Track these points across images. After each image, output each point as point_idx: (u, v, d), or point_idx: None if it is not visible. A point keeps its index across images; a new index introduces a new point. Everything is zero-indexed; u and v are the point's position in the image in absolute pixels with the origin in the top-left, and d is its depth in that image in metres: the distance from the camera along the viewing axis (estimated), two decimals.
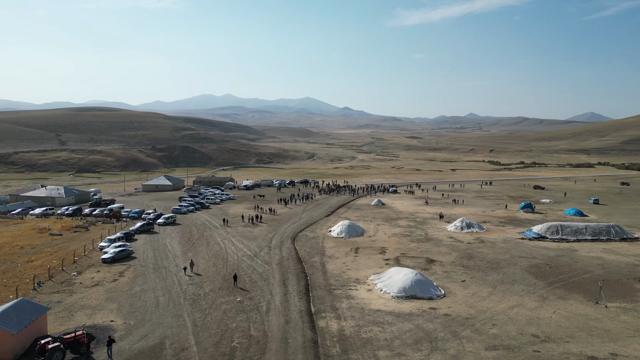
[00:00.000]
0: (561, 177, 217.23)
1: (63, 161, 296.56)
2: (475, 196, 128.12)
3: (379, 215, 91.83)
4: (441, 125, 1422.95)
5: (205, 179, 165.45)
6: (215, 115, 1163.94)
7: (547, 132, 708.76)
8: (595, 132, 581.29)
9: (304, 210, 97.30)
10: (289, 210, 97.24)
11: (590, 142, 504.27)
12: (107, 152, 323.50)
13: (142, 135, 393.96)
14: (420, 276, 45.06)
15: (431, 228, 78.70)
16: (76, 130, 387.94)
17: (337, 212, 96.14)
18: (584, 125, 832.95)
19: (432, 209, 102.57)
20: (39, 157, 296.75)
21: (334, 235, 71.16)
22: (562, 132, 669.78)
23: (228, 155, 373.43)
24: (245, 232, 72.97)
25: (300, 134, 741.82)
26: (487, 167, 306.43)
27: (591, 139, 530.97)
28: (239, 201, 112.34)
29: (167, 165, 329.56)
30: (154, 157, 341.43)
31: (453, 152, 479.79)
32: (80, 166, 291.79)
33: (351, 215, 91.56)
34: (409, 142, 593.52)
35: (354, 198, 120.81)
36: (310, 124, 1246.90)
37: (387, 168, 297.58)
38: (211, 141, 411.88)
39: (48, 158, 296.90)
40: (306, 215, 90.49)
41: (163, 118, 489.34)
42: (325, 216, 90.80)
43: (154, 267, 52.93)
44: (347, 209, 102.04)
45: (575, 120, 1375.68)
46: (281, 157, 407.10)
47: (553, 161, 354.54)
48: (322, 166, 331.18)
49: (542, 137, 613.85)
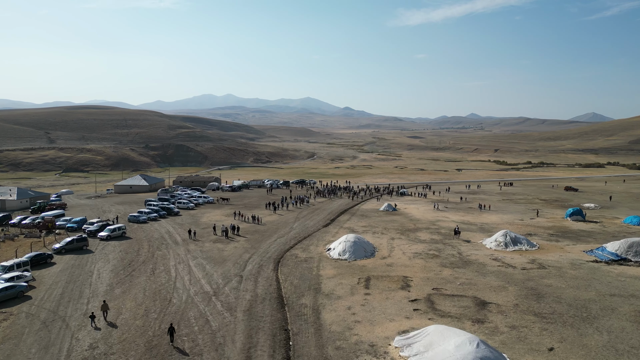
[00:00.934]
0: (576, 177, 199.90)
1: (50, 160, 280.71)
2: (502, 199, 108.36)
3: (392, 225, 72.40)
4: (443, 125, 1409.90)
5: (187, 178, 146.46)
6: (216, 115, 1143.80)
7: (552, 132, 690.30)
8: (602, 131, 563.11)
9: (297, 218, 78.04)
10: (278, 218, 78.02)
11: (597, 142, 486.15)
12: (97, 151, 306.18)
13: (135, 134, 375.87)
14: (486, 350, 25.48)
15: (464, 244, 59.25)
16: (67, 128, 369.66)
17: (338, 221, 76.67)
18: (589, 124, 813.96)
19: (456, 215, 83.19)
20: (25, 156, 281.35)
21: (334, 256, 51.65)
22: (567, 131, 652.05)
23: (224, 155, 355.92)
24: (213, 252, 53.45)
25: (301, 134, 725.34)
26: (494, 167, 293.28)
27: (598, 139, 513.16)
28: (219, 205, 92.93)
29: (161, 165, 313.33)
30: (146, 155, 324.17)
31: (457, 151, 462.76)
32: (67, 165, 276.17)
33: (356, 225, 72.23)
34: (411, 141, 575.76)
35: (358, 202, 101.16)
36: (311, 123, 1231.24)
37: (390, 168, 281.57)
38: (207, 140, 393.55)
39: (34, 157, 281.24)
40: (299, 225, 71.23)
41: (158, 116, 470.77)
42: (324, 226, 71.29)
43: (48, 317, 33.57)
44: (350, 215, 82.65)
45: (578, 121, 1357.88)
46: (280, 156, 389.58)
47: (560, 161, 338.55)
48: (322, 166, 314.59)
49: (548, 137, 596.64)
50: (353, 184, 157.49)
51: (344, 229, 68.23)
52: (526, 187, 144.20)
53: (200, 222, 72.66)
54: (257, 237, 61.41)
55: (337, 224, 74.10)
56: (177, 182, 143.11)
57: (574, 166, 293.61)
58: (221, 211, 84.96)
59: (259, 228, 68.48)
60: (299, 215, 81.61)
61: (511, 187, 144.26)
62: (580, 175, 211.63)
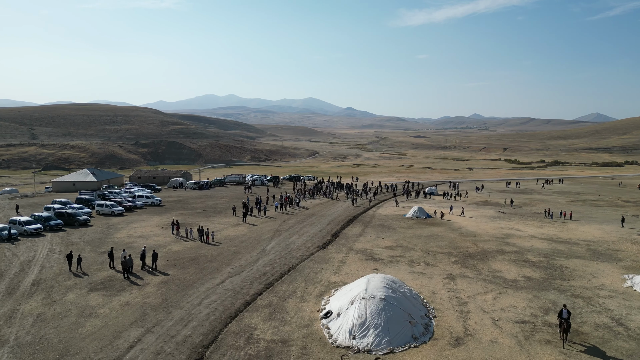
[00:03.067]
0: (604, 175, 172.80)
1: (29, 157, 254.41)
2: (570, 201, 79.98)
3: (437, 245, 43.84)
4: (446, 126, 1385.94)
5: (148, 173, 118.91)
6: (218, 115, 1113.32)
7: (562, 131, 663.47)
8: (615, 130, 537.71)
9: (276, 231, 49.10)
10: (246, 231, 49.11)
11: (610, 141, 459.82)
12: (81, 148, 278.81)
13: (125, 130, 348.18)
14: None
15: (596, 287, 30.19)
16: (53, 124, 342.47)
17: (344, 236, 47.52)
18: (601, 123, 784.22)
19: (527, 225, 54.97)
20: (2, 152, 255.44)
21: (339, 338, 21.75)
22: (578, 130, 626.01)
23: (220, 152, 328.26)
24: (60, 325, 24.11)
25: (303, 133, 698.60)
26: (506, 165, 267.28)
27: (611, 137, 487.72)
28: (164, 211, 63.89)
29: (150, 162, 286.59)
30: (135, 152, 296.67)
31: (464, 150, 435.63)
32: (48, 162, 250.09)
33: (376, 246, 43.14)
34: (416, 140, 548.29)
35: (370, 205, 71.96)
36: (313, 123, 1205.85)
37: (396, 166, 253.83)
38: (202, 137, 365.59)
39: (12, 153, 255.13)
40: (277, 246, 42.44)
41: (152, 112, 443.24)
42: (320, 247, 42.16)
43: None
44: (363, 226, 53.31)
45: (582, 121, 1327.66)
46: (279, 154, 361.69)
47: (574, 160, 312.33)
48: (324, 164, 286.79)
49: (557, 136, 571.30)
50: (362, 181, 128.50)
51: (356, 255, 39.02)
52: (583, 185, 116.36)
53: (110, 240, 43.16)
54: (185, 277, 31.88)
55: (344, 242, 44.97)
56: (134, 178, 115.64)
57: (590, 165, 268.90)
58: (160, 218, 55.85)
59: (203, 252, 38.87)
60: (282, 225, 52.64)
61: (561, 184, 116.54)
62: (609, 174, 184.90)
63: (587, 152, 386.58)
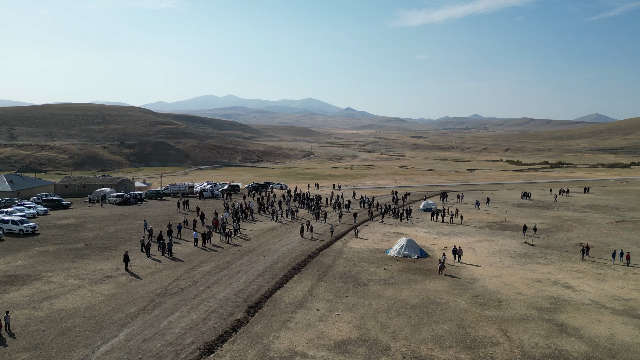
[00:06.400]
0: (615, 178, 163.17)
1: (4, 158, 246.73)
2: (614, 223, 66.46)
3: (434, 336, 27.94)
4: (445, 126, 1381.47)
5: (77, 181, 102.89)
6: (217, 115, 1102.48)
7: (564, 131, 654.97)
8: (619, 130, 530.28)
9: (158, 295, 33.93)
10: (109, 293, 34.50)
11: (614, 141, 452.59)
12: (60, 148, 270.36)
13: (111, 130, 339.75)
14: None
15: None
16: (35, 124, 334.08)
17: (269, 309, 32.03)
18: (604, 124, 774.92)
19: (584, 278, 40.54)
20: None
21: None
22: (581, 130, 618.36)
23: (209, 153, 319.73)
24: None
25: (301, 134, 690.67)
26: (508, 167, 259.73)
27: (615, 138, 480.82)
28: (19, 246, 48.23)
29: (135, 164, 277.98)
30: (120, 154, 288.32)
31: (464, 151, 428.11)
32: (24, 164, 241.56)
33: (315, 345, 26.28)
34: (416, 141, 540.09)
35: (344, 231, 59.35)
36: (312, 124, 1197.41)
37: (394, 168, 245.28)
38: (191, 137, 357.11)
39: None
40: (122, 348, 25.24)
41: (140, 112, 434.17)
42: (203, 350, 25.20)
43: None
44: (315, 279, 39.12)
45: (583, 121, 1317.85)
46: (272, 155, 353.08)
47: (577, 161, 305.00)
48: (318, 166, 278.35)
49: (560, 136, 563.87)
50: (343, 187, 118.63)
51: None
52: (615, 195, 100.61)
53: None
54: None
55: (263, 327, 28.88)
56: (59, 187, 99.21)
57: (596, 166, 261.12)
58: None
59: None
60: (180, 280, 37.55)
61: (589, 194, 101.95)
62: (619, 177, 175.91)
63: (591, 152, 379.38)
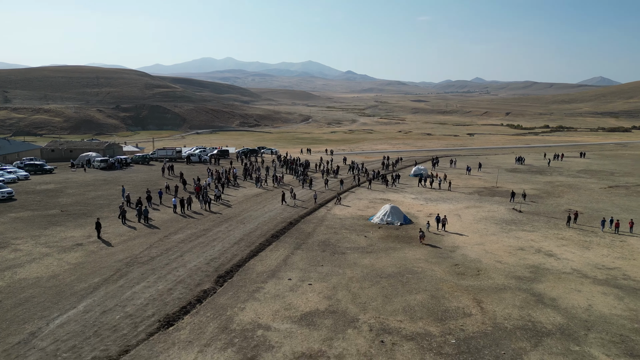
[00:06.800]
0: (615, 142, 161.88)
1: None
2: (607, 188, 64.99)
3: (406, 307, 26.84)
4: (447, 90, 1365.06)
5: (63, 146, 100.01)
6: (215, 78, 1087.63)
7: (566, 94, 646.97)
8: (621, 93, 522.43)
9: (127, 264, 32.50)
10: (76, 261, 32.87)
11: (616, 105, 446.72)
12: (55, 112, 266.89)
13: (106, 93, 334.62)
14: None
15: None
16: (29, 87, 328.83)
17: (241, 278, 30.97)
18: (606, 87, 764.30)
19: (569, 246, 39.02)
20: None
21: None
22: (583, 94, 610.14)
23: (206, 117, 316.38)
24: None
25: (300, 97, 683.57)
26: (508, 131, 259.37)
27: (617, 101, 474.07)
28: None
29: (132, 128, 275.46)
30: (116, 117, 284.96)
31: (465, 115, 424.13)
32: (19, 128, 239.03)
33: (281, 317, 25.32)
34: (416, 105, 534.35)
35: (328, 198, 57.21)
36: (312, 87, 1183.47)
37: (392, 132, 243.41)
38: (188, 100, 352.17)
39: None
40: (72, 323, 23.61)
41: (136, 74, 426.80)
42: (162, 323, 24.00)
43: None
44: (293, 247, 38.43)
45: (586, 84, 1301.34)
46: (270, 119, 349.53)
47: (578, 125, 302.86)
48: (316, 130, 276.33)
49: (562, 100, 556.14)
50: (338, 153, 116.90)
51: None
52: (611, 160, 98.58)
53: None
54: None
55: (230, 297, 27.87)
56: (46, 151, 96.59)
57: (597, 130, 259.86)
58: None
59: None
60: (153, 247, 36.12)
61: (585, 159, 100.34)
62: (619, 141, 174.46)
63: (593, 116, 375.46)
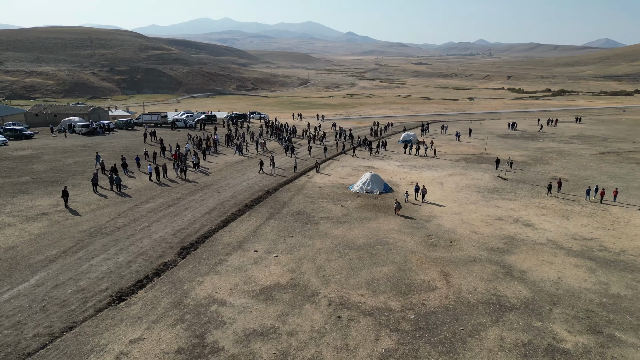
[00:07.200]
0: (615, 107, 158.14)
1: None
2: (598, 155, 64.20)
3: (370, 280, 26.35)
4: (450, 52, 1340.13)
5: (47, 110, 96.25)
6: (213, 40, 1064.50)
7: (569, 57, 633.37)
8: (625, 56, 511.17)
9: (90, 235, 31.43)
10: (38, 232, 32.10)
11: (620, 68, 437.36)
12: (49, 74, 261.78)
13: (100, 55, 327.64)
14: None
15: None
16: (21, 49, 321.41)
17: (205, 249, 30.11)
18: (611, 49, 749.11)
19: (548, 215, 38.13)
20: None
21: None
22: (587, 56, 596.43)
23: (202, 80, 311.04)
24: None
25: (299, 60, 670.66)
26: (509, 95, 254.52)
27: (620, 64, 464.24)
28: None
29: (127, 91, 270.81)
30: (110, 80, 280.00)
31: (466, 78, 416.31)
32: (12, 91, 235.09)
33: (239, 291, 24.54)
34: (417, 68, 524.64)
35: (310, 166, 55.68)
36: (311, 49, 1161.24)
37: (392, 97, 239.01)
38: (184, 63, 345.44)
39: None
40: (20, 300, 22.68)
41: (130, 36, 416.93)
42: (114, 299, 23.23)
43: None
44: (265, 217, 36.91)
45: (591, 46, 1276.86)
46: (268, 83, 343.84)
47: (580, 88, 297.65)
48: (315, 94, 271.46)
49: (565, 62, 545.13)
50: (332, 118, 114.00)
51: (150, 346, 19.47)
52: (608, 125, 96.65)
53: None
54: None
55: (190, 269, 26.87)
56: (30, 116, 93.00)
57: (599, 94, 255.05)
58: None
59: None
60: (121, 217, 35.16)
61: (580, 124, 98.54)
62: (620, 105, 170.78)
63: (595, 80, 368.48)
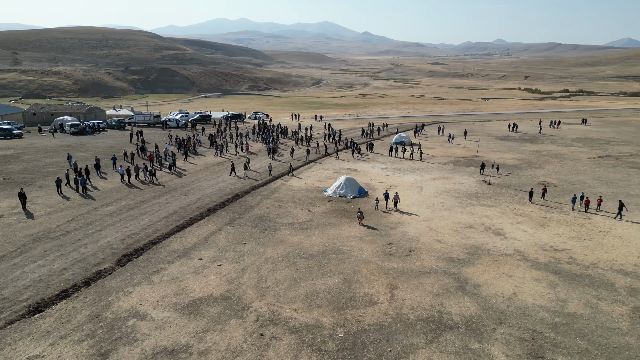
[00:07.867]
0: (633, 108, 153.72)
1: (8, 84, 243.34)
2: (595, 158, 61.40)
3: (309, 293, 24.66)
4: (467, 52, 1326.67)
5: (45, 109, 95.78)
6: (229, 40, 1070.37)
7: (589, 57, 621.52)
8: None
9: (29, 242, 30.01)
10: None
11: None
12: (64, 74, 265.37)
13: (115, 55, 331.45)
14: None
15: None
16: (38, 49, 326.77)
17: (145, 259, 28.85)
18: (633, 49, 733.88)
19: (524, 224, 35.84)
20: None
21: None
22: (607, 56, 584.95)
23: (215, 80, 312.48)
24: None
25: (314, 60, 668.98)
26: (525, 95, 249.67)
27: None
28: None
29: (140, 91, 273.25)
30: (125, 80, 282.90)
31: (482, 78, 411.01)
32: (28, 90, 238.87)
33: (159, 306, 23.21)
34: (432, 68, 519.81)
35: (289, 169, 53.45)
36: (327, 49, 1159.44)
37: (405, 97, 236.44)
38: (197, 63, 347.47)
39: None
40: None
41: (146, 36, 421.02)
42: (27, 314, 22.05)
43: None
44: (224, 222, 35.96)
45: (612, 46, 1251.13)
46: (281, 83, 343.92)
47: (600, 89, 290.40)
48: (327, 94, 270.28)
49: (585, 62, 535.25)
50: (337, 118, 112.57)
51: None
52: (614, 127, 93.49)
53: None
54: None
55: (106, 291, 24.48)
56: (28, 115, 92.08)
57: (618, 95, 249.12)
58: None
59: None
60: (71, 222, 33.98)
61: (585, 125, 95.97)
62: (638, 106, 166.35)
63: (616, 80, 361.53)
